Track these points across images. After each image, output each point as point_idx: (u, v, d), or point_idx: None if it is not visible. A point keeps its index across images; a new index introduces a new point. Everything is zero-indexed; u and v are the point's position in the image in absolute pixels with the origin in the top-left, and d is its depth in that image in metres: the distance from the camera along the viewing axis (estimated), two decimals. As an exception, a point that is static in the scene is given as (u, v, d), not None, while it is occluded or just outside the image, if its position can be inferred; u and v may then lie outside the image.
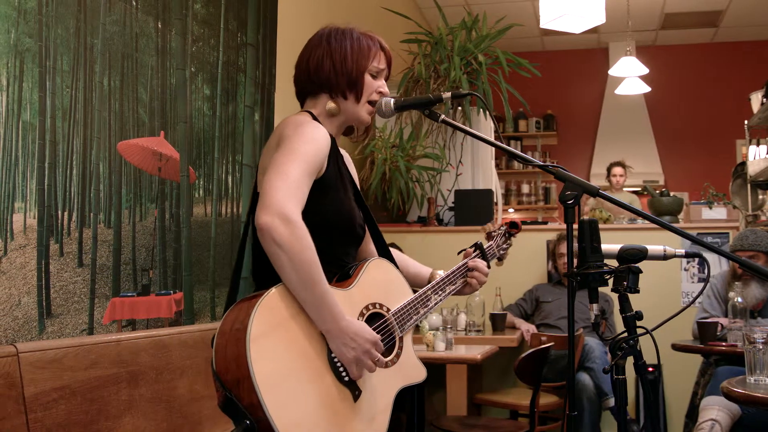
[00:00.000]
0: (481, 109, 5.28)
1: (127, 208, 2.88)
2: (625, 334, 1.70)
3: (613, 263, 1.82)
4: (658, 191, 5.54)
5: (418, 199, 5.36)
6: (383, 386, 1.87)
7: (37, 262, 2.40)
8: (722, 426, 3.40)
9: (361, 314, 1.88)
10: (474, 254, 2.20)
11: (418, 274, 2.21)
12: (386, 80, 2.05)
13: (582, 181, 1.76)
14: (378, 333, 1.89)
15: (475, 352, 3.57)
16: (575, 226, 1.73)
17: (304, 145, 1.80)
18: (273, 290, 1.71)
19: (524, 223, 6.03)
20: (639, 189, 8.71)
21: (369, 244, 2.17)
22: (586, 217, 1.71)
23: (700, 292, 1.78)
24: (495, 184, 5.91)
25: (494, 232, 2.31)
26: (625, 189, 7.89)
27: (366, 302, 1.90)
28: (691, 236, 1.75)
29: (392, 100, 1.97)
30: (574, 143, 10.01)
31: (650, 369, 4.88)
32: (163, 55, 3.11)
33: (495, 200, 5.75)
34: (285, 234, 1.66)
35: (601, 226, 5.14)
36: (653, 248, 1.81)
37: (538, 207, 9.91)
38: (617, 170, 7.72)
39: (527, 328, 4.73)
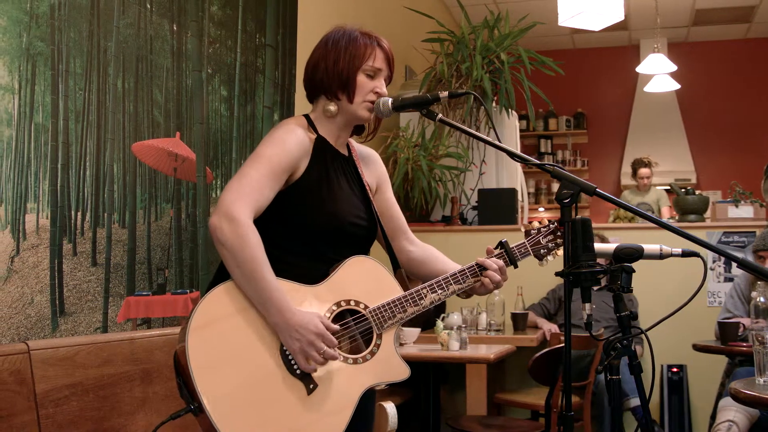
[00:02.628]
0: (504, 108, 5.26)
1: (142, 208, 2.92)
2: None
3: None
4: (683, 189, 5.46)
5: (441, 198, 5.35)
6: (348, 381, 1.88)
7: (50, 261, 2.45)
8: (740, 427, 3.35)
9: (330, 310, 1.91)
10: (496, 253, 2.04)
11: (444, 270, 2.09)
12: (388, 79, 2.04)
13: (578, 179, 1.75)
14: (346, 328, 1.91)
15: (493, 351, 3.56)
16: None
17: (269, 149, 1.90)
18: (220, 286, 1.82)
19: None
20: (668, 187, 8.60)
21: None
22: (580, 217, 1.70)
23: (696, 292, 1.76)
24: (520, 183, 5.86)
25: (533, 230, 2.09)
26: (654, 186, 7.76)
27: (338, 298, 1.92)
28: (689, 235, 1.73)
29: (390, 100, 1.97)
30: (605, 141, 9.91)
31: (675, 369, 4.82)
32: (179, 57, 3.15)
33: (521, 199, 5.71)
34: (227, 233, 1.77)
35: (624, 225, 5.18)
36: (649, 247, 1.79)
37: (568, 206, 9.81)
38: (644, 172, 7.48)
39: (549, 327, 4.70)
